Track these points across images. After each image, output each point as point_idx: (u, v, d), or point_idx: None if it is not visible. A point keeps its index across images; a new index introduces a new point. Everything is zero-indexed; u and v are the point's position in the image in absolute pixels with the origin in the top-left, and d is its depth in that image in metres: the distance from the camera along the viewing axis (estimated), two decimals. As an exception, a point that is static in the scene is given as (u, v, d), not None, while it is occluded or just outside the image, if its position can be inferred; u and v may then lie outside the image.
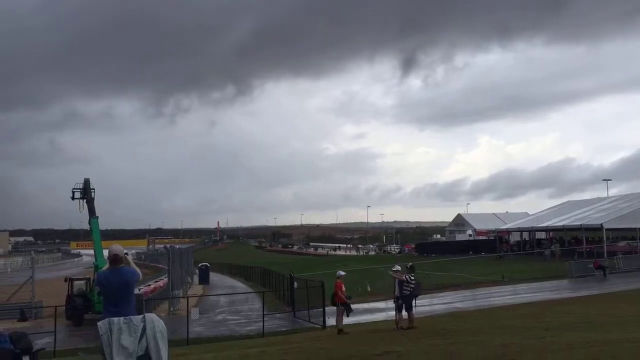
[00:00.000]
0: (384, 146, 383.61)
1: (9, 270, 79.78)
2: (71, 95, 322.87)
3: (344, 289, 17.22)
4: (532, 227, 58.75)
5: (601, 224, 47.02)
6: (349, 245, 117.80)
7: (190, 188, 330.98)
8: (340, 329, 16.73)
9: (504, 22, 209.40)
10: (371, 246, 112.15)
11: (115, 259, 6.14)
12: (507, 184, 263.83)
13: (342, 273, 17.96)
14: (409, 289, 15.67)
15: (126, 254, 6.36)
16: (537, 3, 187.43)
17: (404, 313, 15.66)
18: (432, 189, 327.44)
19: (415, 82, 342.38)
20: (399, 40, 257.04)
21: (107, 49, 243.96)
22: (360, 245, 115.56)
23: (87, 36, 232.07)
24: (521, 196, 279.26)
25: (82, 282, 29.11)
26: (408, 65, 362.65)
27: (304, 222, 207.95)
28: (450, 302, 25.33)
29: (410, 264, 17.82)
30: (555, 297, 24.11)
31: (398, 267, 16.57)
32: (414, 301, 16.08)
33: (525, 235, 61.97)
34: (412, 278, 15.94)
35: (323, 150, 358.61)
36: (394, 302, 16.15)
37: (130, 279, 6.14)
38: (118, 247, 6.26)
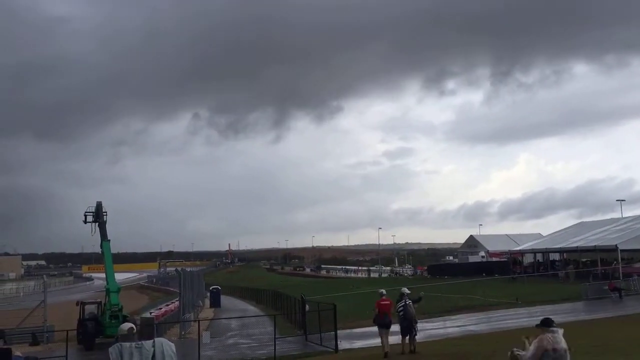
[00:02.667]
0: (422, 165, 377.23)
1: (21, 294, 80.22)
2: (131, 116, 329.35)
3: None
4: (546, 248, 58.11)
5: (616, 245, 46.42)
6: (361, 268, 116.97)
7: (206, 211, 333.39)
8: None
9: (606, 38, 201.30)
10: (384, 268, 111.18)
11: None
12: (538, 205, 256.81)
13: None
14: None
15: None
16: None
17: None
18: (459, 211, 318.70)
19: (484, 97, 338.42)
20: (489, 52, 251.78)
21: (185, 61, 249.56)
22: (365, 268, 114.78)
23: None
24: (550, 216, 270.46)
25: (94, 306, 29.10)
26: (494, 79, 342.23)
27: (315, 244, 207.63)
28: (464, 325, 25.00)
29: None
30: (571, 319, 23.71)
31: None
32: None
33: (539, 257, 61.26)
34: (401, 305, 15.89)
35: (354, 169, 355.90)
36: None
37: None
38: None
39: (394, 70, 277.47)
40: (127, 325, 6.22)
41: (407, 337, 15.71)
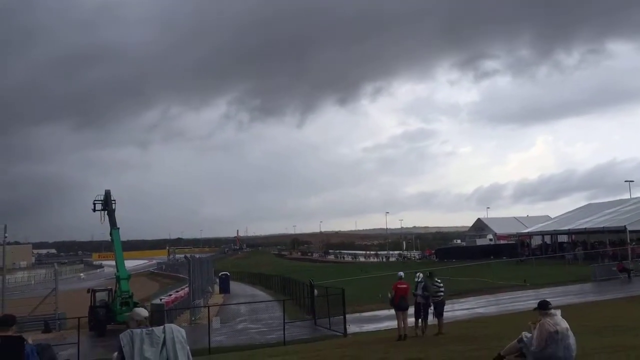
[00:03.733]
0: (442, 147, 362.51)
1: (33, 282, 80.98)
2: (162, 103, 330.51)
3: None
4: (554, 230, 58.01)
5: (624, 226, 46.27)
6: (369, 252, 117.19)
7: (217, 197, 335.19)
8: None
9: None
10: (392, 252, 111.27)
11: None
12: (555, 186, 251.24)
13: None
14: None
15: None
16: None
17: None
18: (474, 194, 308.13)
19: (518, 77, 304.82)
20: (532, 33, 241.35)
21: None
22: (374, 252, 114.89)
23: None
24: (564, 198, 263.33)
25: (105, 293, 29.38)
26: (529, 59, 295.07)
27: (323, 230, 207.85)
28: (473, 308, 25.06)
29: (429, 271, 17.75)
30: (580, 301, 23.75)
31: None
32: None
33: (547, 239, 61.20)
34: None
35: (371, 153, 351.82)
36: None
37: None
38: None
39: (428, 52, 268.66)
40: (143, 312, 6.22)
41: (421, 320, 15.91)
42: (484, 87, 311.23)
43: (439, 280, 16.31)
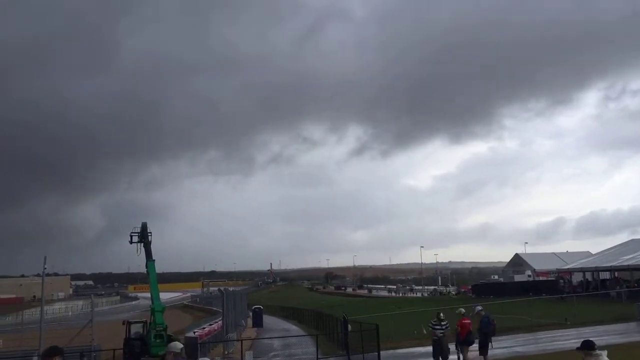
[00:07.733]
0: (525, 173, 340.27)
1: (70, 313, 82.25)
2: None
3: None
4: (596, 266, 56.29)
5: (670, 263, 44.66)
6: (402, 286, 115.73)
7: (260, 230, 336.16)
8: None
9: None
10: (423, 288, 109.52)
11: None
12: (625, 221, 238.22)
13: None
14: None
15: None
16: None
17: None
18: (537, 227, 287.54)
19: None
20: None
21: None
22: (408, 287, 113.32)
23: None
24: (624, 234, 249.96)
25: (140, 325, 29.52)
26: None
27: (356, 264, 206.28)
28: (511, 346, 24.32)
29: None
30: (624, 340, 22.83)
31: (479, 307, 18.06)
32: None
33: (588, 276, 59.38)
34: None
35: (447, 182, 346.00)
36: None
37: None
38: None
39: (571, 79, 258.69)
40: (179, 345, 6.35)
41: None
42: (609, 110, 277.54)
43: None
